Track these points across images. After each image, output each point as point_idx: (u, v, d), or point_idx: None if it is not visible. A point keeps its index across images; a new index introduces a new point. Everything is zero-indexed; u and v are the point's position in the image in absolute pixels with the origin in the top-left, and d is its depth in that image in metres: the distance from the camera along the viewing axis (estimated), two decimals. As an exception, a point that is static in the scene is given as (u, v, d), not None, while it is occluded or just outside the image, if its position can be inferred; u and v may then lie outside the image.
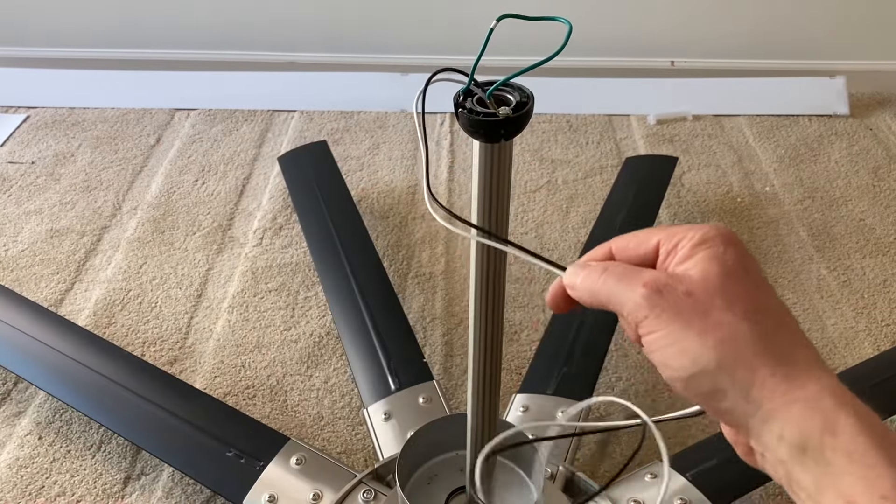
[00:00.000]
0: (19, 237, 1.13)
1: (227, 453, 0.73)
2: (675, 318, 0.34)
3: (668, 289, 0.35)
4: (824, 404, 0.32)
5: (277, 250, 1.10)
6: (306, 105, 1.47)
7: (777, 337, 0.34)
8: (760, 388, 0.33)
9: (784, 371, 0.33)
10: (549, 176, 1.28)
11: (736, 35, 1.52)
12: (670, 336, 0.34)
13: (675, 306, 0.34)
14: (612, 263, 0.38)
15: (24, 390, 0.89)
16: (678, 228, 0.37)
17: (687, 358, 0.34)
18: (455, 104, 0.40)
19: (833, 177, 1.28)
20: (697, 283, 0.35)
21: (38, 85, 1.52)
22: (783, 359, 0.34)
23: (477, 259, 0.47)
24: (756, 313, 0.34)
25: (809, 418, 0.32)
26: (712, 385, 0.34)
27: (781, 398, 0.33)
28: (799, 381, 0.33)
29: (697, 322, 0.34)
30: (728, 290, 0.35)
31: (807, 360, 0.34)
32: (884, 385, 0.81)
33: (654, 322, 0.35)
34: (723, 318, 0.34)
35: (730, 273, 0.35)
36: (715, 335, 0.34)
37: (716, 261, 0.35)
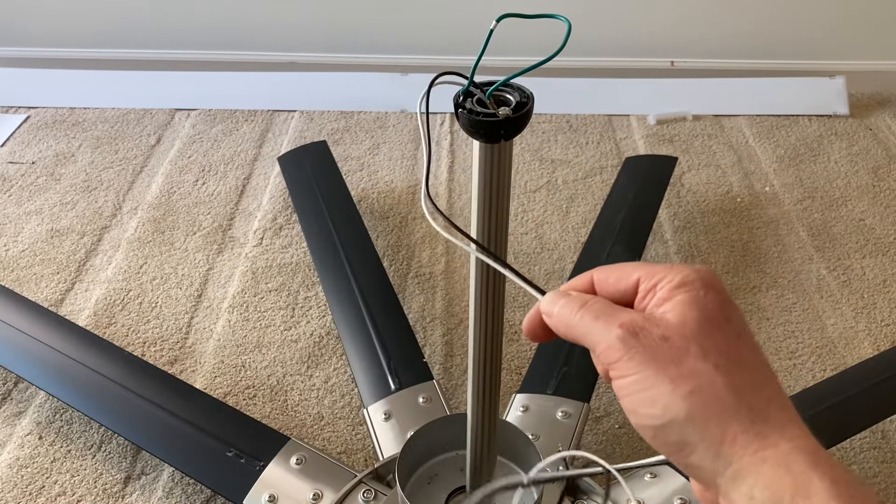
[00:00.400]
0: (20, 237, 1.13)
1: (228, 453, 0.73)
2: (649, 364, 0.33)
3: (644, 332, 0.34)
4: (796, 465, 0.31)
5: (277, 250, 1.10)
6: (306, 105, 1.47)
7: (751, 392, 0.33)
8: (731, 444, 0.32)
9: (756, 428, 0.32)
10: (549, 176, 1.28)
11: (736, 35, 1.52)
12: (642, 382, 0.33)
13: (649, 350, 0.33)
14: (591, 298, 0.37)
15: (24, 390, 0.89)
16: (659, 268, 0.36)
17: (657, 407, 0.32)
18: (455, 104, 0.40)
19: (833, 177, 1.28)
20: (674, 327, 0.34)
21: (38, 85, 1.52)
22: (756, 415, 0.32)
23: (477, 260, 0.47)
24: (732, 365, 0.33)
25: (780, 479, 0.31)
26: (681, 437, 0.32)
27: (752, 457, 0.31)
28: (771, 439, 0.32)
29: (671, 369, 0.33)
30: (705, 338, 0.33)
31: (781, 417, 0.33)
32: (884, 385, 0.81)
33: (626, 365, 0.33)
34: (697, 367, 0.33)
35: (709, 319, 0.34)
36: (688, 385, 0.32)
37: (695, 305, 0.34)
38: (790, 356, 0.94)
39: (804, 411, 0.79)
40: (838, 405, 0.78)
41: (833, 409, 0.78)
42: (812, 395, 0.82)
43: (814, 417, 0.77)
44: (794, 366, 0.93)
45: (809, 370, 0.93)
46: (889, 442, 0.84)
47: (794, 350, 0.95)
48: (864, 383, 0.81)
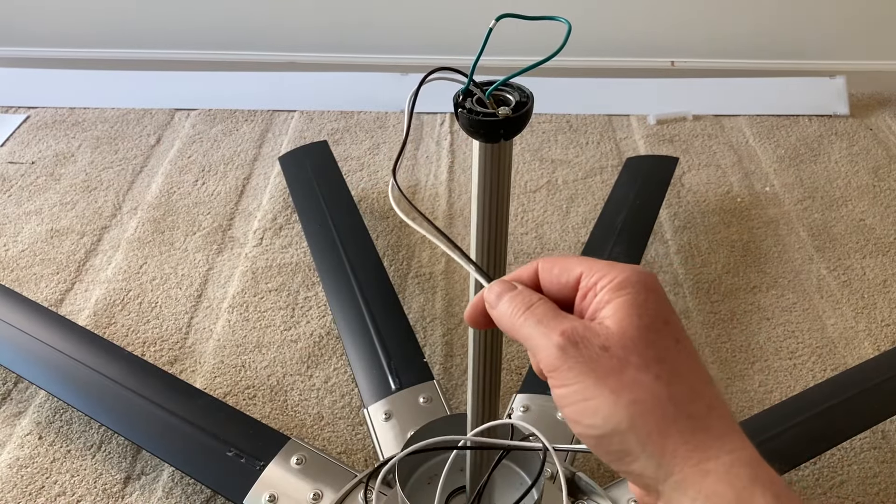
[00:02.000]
0: (19, 237, 1.13)
1: (228, 453, 0.73)
2: (589, 374, 0.33)
3: (584, 342, 0.34)
4: (738, 479, 0.31)
5: (277, 250, 1.10)
6: (306, 105, 1.47)
7: (691, 401, 0.33)
8: (672, 456, 0.32)
9: (698, 439, 0.32)
10: (549, 176, 1.28)
11: (736, 35, 1.52)
12: (582, 392, 0.33)
13: (589, 361, 0.33)
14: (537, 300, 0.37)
15: (24, 390, 0.89)
16: (600, 265, 0.36)
17: (598, 417, 0.32)
18: (455, 104, 0.40)
19: (833, 177, 1.28)
20: (614, 336, 0.33)
21: (38, 85, 1.52)
22: (697, 426, 0.32)
23: (477, 260, 0.47)
24: (672, 375, 0.33)
25: (722, 493, 0.31)
26: (623, 446, 0.32)
27: (693, 469, 0.31)
28: (712, 450, 0.32)
29: (612, 379, 0.33)
30: (646, 347, 0.33)
31: (721, 427, 0.33)
32: (884, 385, 0.81)
33: (566, 375, 0.33)
34: (638, 378, 0.33)
35: (648, 326, 0.34)
36: (628, 395, 0.32)
37: (634, 311, 0.34)
38: (790, 356, 0.94)
39: (805, 411, 0.79)
40: (838, 405, 0.78)
41: (833, 409, 0.78)
42: (812, 395, 0.82)
43: (814, 417, 0.77)
44: (795, 366, 0.93)
45: (810, 370, 0.93)
46: (889, 442, 0.84)
47: (794, 350, 0.95)
48: (865, 383, 0.81)
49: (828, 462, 0.81)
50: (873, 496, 0.78)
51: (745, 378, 0.92)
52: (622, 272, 0.35)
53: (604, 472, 0.80)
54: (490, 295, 0.38)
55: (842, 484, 0.79)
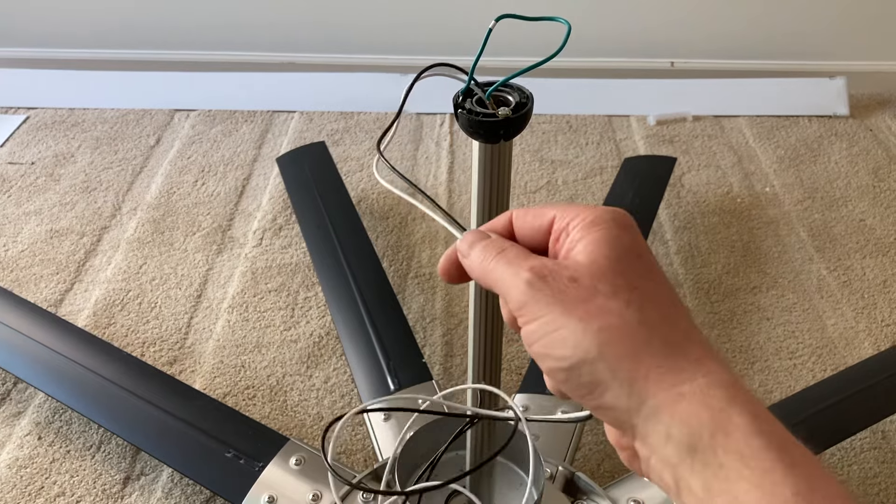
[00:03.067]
0: (19, 237, 1.13)
1: (227, 454, 0.73)
2: (556, 304, 0.32)
3: (553, 275, 0.33)
4: (715, 400, 0.29)
5: (277, 251, 1.10)
6: (306, 105, 1.47)
7: (665, 326, 0.32)
8: (645, 380, 0.30)
9: (671, 363, 0.30)
10: (549, 176, 1.28)
11: (736, 35, 1.52)
12: (550, 323, 0.32)
13: (557, 292, 0.32)
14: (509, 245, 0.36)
15: (23, 391, 0.89)
16: (574, 207, 0.35)
17: (567, 346, 0.31)
18: (454, 104, 0.40)
19: (833, 177, 1.28)
20: (583, 267, 0.33)
21: (38, 85, 1.52)
22: (671, 350, 0.31)
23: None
24: (644, 300, 0.32)
25: (698, 415, 0.29)
26: (592, 376, 0.31)
27: (667, 392, 0.30)
28: (686, 373, 0.30)
29: (580, 308, 0.31)
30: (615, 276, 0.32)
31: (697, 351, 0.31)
32: (884, 385, 0.81)
33: (532, 309, 0.32)
34: (607, 305, 0.31)
35: (619, 258, 0.33)
36: (597, 321, 0.31)
37: (605, 244, 0.33)
38: (790, 356, 0.94)
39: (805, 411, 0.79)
40: (838, 405, 0.78)
41: (833, 409, 0.78)
42: (812, 395, 0.82)
43: (814, 417, 0.77)
44: (795, 366, 0.93)
45: (810, 370, 0.93)
46: (889, 442, 0.84)
47: (794, 350, 0.95)
48: (864, 383, 0.81)
49: (828, 462, 0.81)
50: (873, 496, 0.78)
51: (745, 378, 0.92)
52: (594, 211, 0.35)
53: (603, 472, 0.80)
54: (462, 245, 0.38)
55: (841, 484, 0.79)
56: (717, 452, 0.28)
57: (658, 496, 0.70)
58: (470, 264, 0.37)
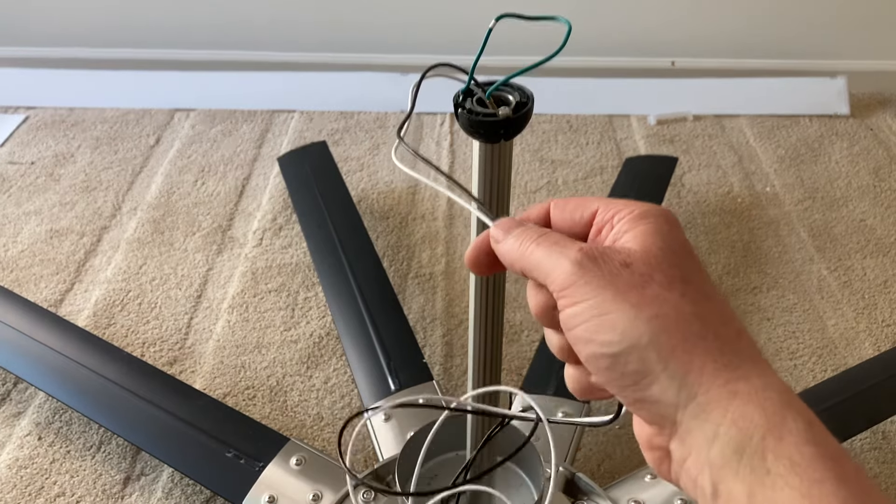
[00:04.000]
0: (19, 237, 1.12)
1: (227, 454, 0.73)
2: (607, 287, 0.30)
3: (605, 257, 0.31)
4: (769, 402, 0.28)
5: (277, 251, 1.10)
6: (306, 105, 1.47)
7: (720, 323, 0.31)
8: (698, 374, 0.29)
9: (726, 359, 0.29)
10: (549, 176, 1.28)
11: (736, 35, 1.52)
12: (599, 307, 0.30)
13: (608, 275, 0.30)
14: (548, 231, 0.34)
15: (23, 391, 0.89)
16: (620, 201, 0.34)
17: (616, 331, 0.29)
18: (455, 104, 0.40)
19: (833, 177, 1.28)
20: (637, 254, 0.31)
21: (38, 85, 1.52)
22: (726, 346, 0.30)
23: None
24: (698, 295, 0.31)
25: (751, 416, 0.28)
26: (641, 365, 0.29)
27: (720, 389, 0.28)
28: (742, 370, 0.29)
29: (633, 294, 0.30)
30: (670, 267, 0.31)
31: (751, 351, 0.30)
32: (884, 385, 0.81)
33: (582, 290, 0.30)
34: (662, 294, 0.30)
35: (673, 251, 0.32)
36: (651, 309, 0.29)
37: (658, 235, 0.32)
38: (791, 356, 0.94)
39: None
40: (839, 405, 0.78)
41: (833, 409, 0.78)
42: (812, 395, 0.82)
43: (814, 418, 0.77)
44: (795, 366, 0.93)
45: (810, 370, 0.93)
46: (889, 442, 0.84)
47: (794, 350, 0.95)
48: (865, 383, 0.81)
49: (828, 463, 0.81)
50: (874, 497, 0.78)
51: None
52: (642, 206, 0.33)
53: (604, 472, 0.80)
54: (497, 231, 0.36)
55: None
56: (767, 457, 0.27)
57: (659, 497, 0.70)
58: (506, 248, 0.35)
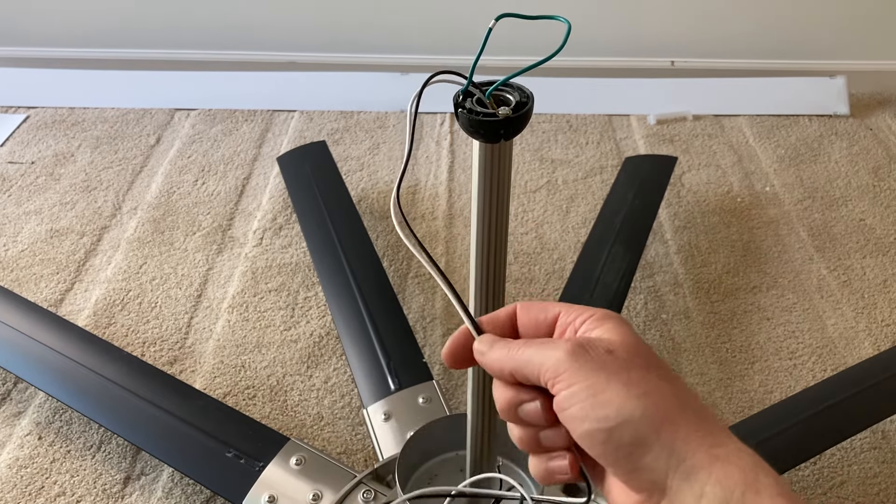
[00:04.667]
0: (19, 237, 1.13)
1: (227, 453, 0.73)
2: (599, 371, 0.35)
3: (591, 346, 0.36)
4: (745, 462, 0.33)
5: (277, 250, 1.10)
6: (306, 105, 1.47)
7: (693, 400, 0.35)
8: (685, 441, 0.33)
9: (705, 429, 0.34)
10: (549, 176, 1.28)
11: (736, 35, 1.52)
12: (593, 387, 0.34)
13: (598, 360, 0.35)
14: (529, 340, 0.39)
15: (23, 390, 0.89)
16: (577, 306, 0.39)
17: (611, 408, 0.34)
18: (455, 104, 0.40)
19: (833, 177, 1.28)
20: (617, 343, 0.36)
21: (38, 85, 1.52)
22: (701, 418, 0.34)
23: (477, 260, 0.47)
24: (671, 379, 0.36)
25: (732, 476, 0.32)
26: (635, 437, 0.33)
27: (704, 454, 0.33)
28: (718, 437, 0.34)
29: (622, 375, 0.34)
30: (645, 354, 0.36)
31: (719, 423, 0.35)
32: (884, 385, 0.81)
33: (575, 374, 0.35)
34: (644, 376, 0.35)
35: (640, 341, 0.37)
36: (639, 388, 0.34)
37: (626, 330, 0.37)
38: (790, 356, 0.94)
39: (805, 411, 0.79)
40: (838, 405, 0.78)
41: (833, 409, 0.78)
42: (812, 395, 0.82)
43: (814, 417, 0.77)
44: (795, 366, 0.93)
45: (810, 370, 0.93)
46: (889, 442, 0.84)
47: (794, 350, 0.95)
48: (864, 383, 0.81)
49: (828, 462, 0.81)
50: (873, 496, 0.78)
51: (745, 378, 0.92)
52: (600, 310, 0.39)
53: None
54: (481, 346, 0.40)
55: (842, 484, 0.79)
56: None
57: None
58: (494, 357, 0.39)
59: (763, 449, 0.34)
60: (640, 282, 1.05)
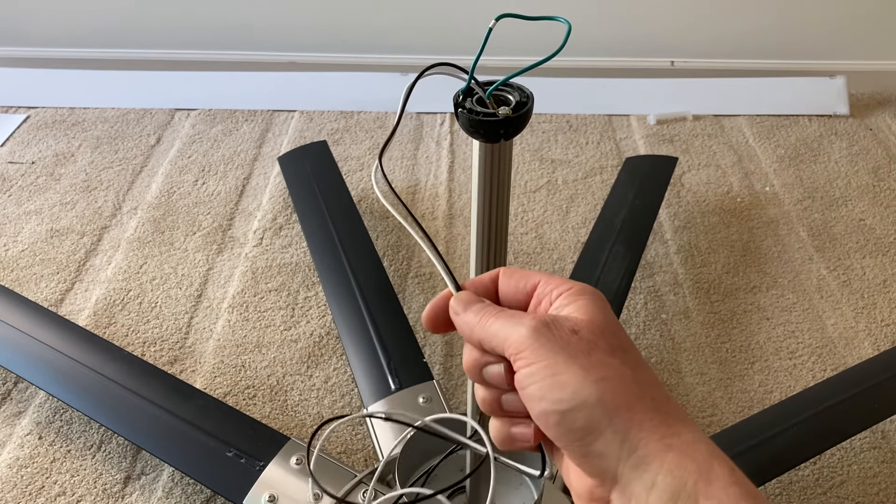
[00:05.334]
0: (19, 237, 1.13)
1: (227, 453, 0.73)
2: (560, 351, 0.34)
3: (556, 324, 0.35)
4: (699, 453, 0.32)
5: (277, 250, 1.10)
6: (306, 105, 1.47)
7: (654, 388, 0.35)
8: (639, 430, 0.33)
9: (661, 417, 0.33)
10: (549, 176, 1.28)
11: (736, 35, 1.52)
12: (552, 367, 0.34)
13: (560, 340, 0.35)
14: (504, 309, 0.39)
15: (24, 390, 0.89)
16: (560, 277, 0.39)
17: (567, 390, 0.33)
18: (455, 104, 0.40)
19: (833, 177, 1.28)
20: (584, 323, 0.36)
21: (38, 85, 1.52)
22: (660, 406, 0.34)
23: (477, 260, 0.47)
24: (634, 363, 0.35)
25: (685, 466, 0.32)
26: (588, 422, 0.33)
27: (658, 443, 0.32)
28: (675, 427, 0.33)
29: (582, 358, 0.34)
30: (611, 336, 0.36)
31: (680, 412, 0.35)
32: (884, 385, 0.81)
33: (537, 353, 0.34)
34: (606, 360, 0.34)
35: (611, 323, 0.36)
36: (597, 372, 0.34)
37: (598, 309, 0.36)
38: (790, 356, 0.94)
39: (805, 411, 0.79)
40: (838, 405, 0.78)
41: (833, 409, 0.78)
42: (812, 395, 0.82)
43: (814, 417, 0.77)
44: (795, 366, 0.93)
45: (809, 370, 0.93)
46: (889, 442, 0.84)
47: (794, 350, 0.95)
48: (864, 383, 0.81)
49: (828, 462, 0.81)
50: (873, 496, 0.78)
51: (745, 378, 0.92)
52: (579, 284, 0.38)
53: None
54: (457, 304, 0.40)
55: (842, 484, 0.79)
56: (699, 500, 0.31)
57: None
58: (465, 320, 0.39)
59: (763, 449, 0.34)
60: (640, 282, 1.05)
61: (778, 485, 0.79)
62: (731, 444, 0.74)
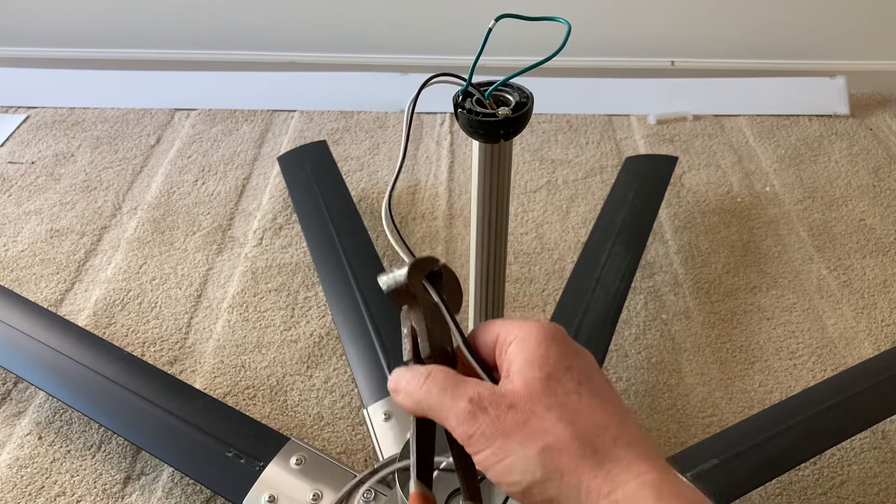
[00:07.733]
0: (19, 237, 1.13)
1: (227, 453, 0.73)
2: (498, 435, 0.35)
3: (493, 405, 0.35)
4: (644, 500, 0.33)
5: (277, 250, 1.10)
6: (306, 105, 1.47)
7: (596, 435, 0.34)
8: (587, 492, 0.33)
9: (605, 471, 0.33)
10: (549, 176, 1.28)
11: (736, 35, 1.52)
12: (497, 453, 0.34)
13: (497, 422, 0.35)
14: (434, 369, 0.38)
15: (24, 390, 0.89)
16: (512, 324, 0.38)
17: (516, 473, 0.34)
18: (455, 104, 0.40)
19: (833, 177, 1.28)
20: (520, 393, 0.35)
21: (38, 85, 1.52)
22: (604, 459, 0.34)
23: (477, 260, 0.47)
24: (574, 415, 0.35)
25: None
26: (544, 495, 0.34)
27: (606, 500, 0.33)
28: (620, 478, 0.33)
29: (518, 433, 0.34)
30: (547, 396, 0.35)
31: (627, 454, 0.34)
32: (884, 385, 0.81)
33: (479, 441, 0.35)
34: (542, 425, 0.34)
35: (549, 376, 0.36)
36: (536, 443, 0.34)
37: (536, 365, 0.36)
38: (790, 356, 0.94)
39: (805, 411, 0.79)
40: (838, 405, 0.78)
41: (833, 408, 0.78)
42: (812, 395, 0.82)
43: (814, 417, 0.77)
44: (795, 366, 0.93)
45: (810, 370, 0.93)
46: (889, 442, 0.84)
47: (794, 350, 0.95)
48: (864, 383, 0.81)
49: (828, 462, 0.81)
50: (873, 496, 0.78)
51: (745, 378, 0.92)
52: (528, 329, 0.37)
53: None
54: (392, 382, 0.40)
55: (842, 484, 0.79)
56: None
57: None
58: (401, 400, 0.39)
59: (763, 449, 0.34)
60: (640, 282, 1.05)
61: (778, 485, 0.79)
62: (731, 444, 0.74)
